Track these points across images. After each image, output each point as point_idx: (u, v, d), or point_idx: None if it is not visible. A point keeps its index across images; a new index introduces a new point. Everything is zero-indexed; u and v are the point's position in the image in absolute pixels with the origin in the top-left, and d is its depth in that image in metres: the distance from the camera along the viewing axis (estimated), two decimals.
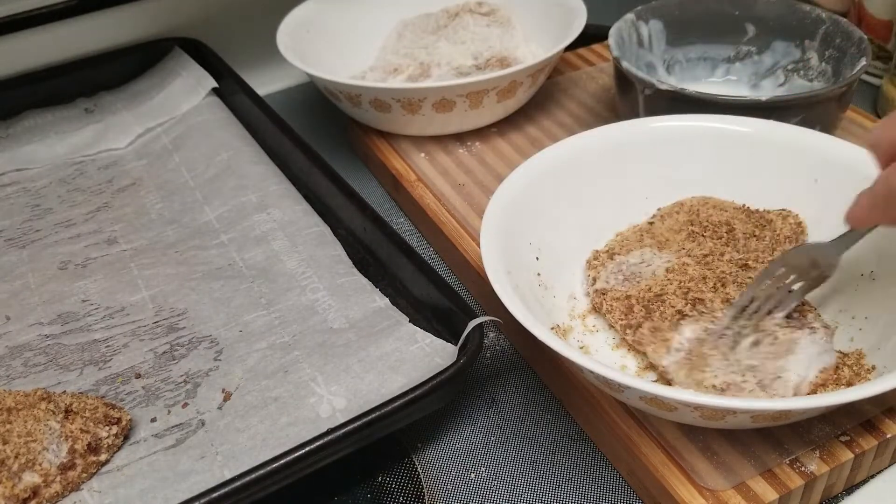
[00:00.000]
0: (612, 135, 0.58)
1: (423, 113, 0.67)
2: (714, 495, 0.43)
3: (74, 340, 0.54)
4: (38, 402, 0.46)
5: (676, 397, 0.39)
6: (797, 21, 0.70)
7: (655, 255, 0.54)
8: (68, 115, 0.78)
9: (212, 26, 0.85)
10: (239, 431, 0.47)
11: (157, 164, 0.72)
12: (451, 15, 0.82)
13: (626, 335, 0.50)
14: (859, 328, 0.49)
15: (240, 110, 0.76)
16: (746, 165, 0.57)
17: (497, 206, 0.51)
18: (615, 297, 0.52)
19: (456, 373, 0.46)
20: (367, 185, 0.74)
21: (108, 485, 0.45)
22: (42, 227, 0.65)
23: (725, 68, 0.74)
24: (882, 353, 0.46)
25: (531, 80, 0.69)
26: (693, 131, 0.58)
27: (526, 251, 0.52)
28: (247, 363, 0.51)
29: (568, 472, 0.49)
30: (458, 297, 0.51)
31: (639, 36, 0.71)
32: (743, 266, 0.52)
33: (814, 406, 0.39)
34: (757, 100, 0.60)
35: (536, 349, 0.54)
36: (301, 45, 0.73)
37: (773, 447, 0.45)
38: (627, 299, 0.51)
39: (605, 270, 0.54)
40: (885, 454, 0.46)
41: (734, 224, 0.54)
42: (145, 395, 0.50)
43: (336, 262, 0.58)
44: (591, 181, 0.57)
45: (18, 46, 0.78)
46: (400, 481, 0.48)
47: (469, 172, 0.68)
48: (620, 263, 0.54)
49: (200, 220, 0.65)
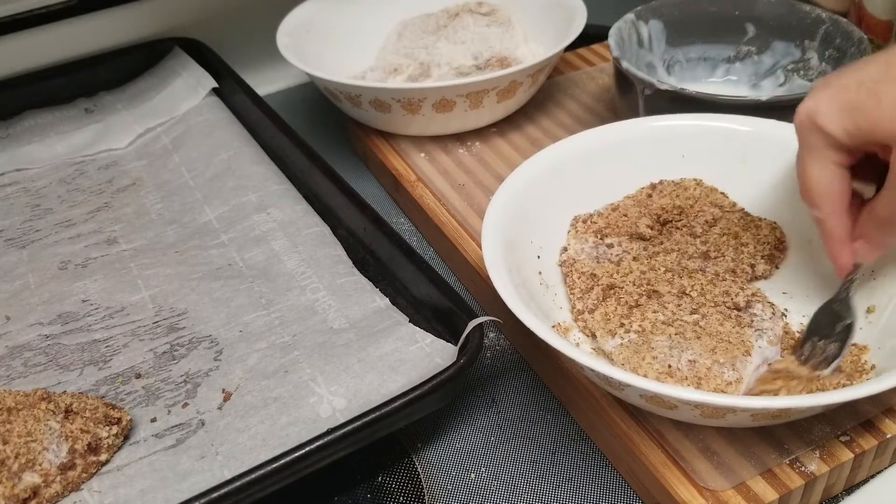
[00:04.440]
0: (612, 134, 0.58)
1: (423, 113, 0.67)
2: (714, 495, 0.43)
3: (74, 340, 0.54)
4: (38, 402, 0.46)
5: (677, 395, 0.39)
6: (797, 21, 0.70)
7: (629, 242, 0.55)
8: (68, 115, 0.78)
9: (212, 26, 0.85)
10: (239, 431, 0.47)
11: (157, 164, 0.72)
12: (451, 15, 0.82)
13: (579, 320, 0.51)
14: (860, 327, 0.49)
15: (240, 110, 0.76)
16: (745, 164, 0.57)
17: (499, 204, 0.52)
18: (581, 271, 0.53)
19: (456, 373, 0.46)
20: (367, 185, 0.74)
21: (108, 485, 0.45)
22: (42, 227, 0.65)
23: (725, 68, 0.74)
24: (882, 353, 0.46)
25: (531, 80, 0.69)
26: (692, 130, 0.58)
27: (528, 249, 0.53)
28: (247, 363, 0.51)
29: (568, 472, 0.49)
30: (458, 297, 0.51)
31: (639, 36, 0.71)
32: (704, 257, 0.53)
33: (814, 404, 0.39)
34: (757, 100, 0.60)
35: (536, 349, 0.54)
36: (301, 45, 0.73)
37: (773, 447, 0.45)
38: (592, 278, 0.52)
39: (582, 242, 0.55)
40: (885, 454, 0.46)
41: (720, 222, 0.55)
42: (145, 395, 0.50)
43: (336, 262, 0.58)
44: (592, 180, 0.57)
45: (18, 46, 0.78)
46: (400, 481, 0.48)
47: (469, 172, 0.68)
48: (597, 245, 0.54)
49: (200, 220, 0.65)
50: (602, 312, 0.50)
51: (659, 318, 0.49)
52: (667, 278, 0.52)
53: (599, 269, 0.53)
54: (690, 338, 0.47)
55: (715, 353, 0.46)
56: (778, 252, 0.54)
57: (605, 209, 0.57)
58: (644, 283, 0.51)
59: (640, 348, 0.47)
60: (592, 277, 0.52)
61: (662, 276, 0.52)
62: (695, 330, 0.48)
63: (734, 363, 0.45)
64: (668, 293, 0.50)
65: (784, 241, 0.55)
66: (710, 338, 0.47)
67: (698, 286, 0.51)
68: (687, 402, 0.40)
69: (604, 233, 0.55)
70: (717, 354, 0.46)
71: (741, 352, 0.46)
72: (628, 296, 0.51)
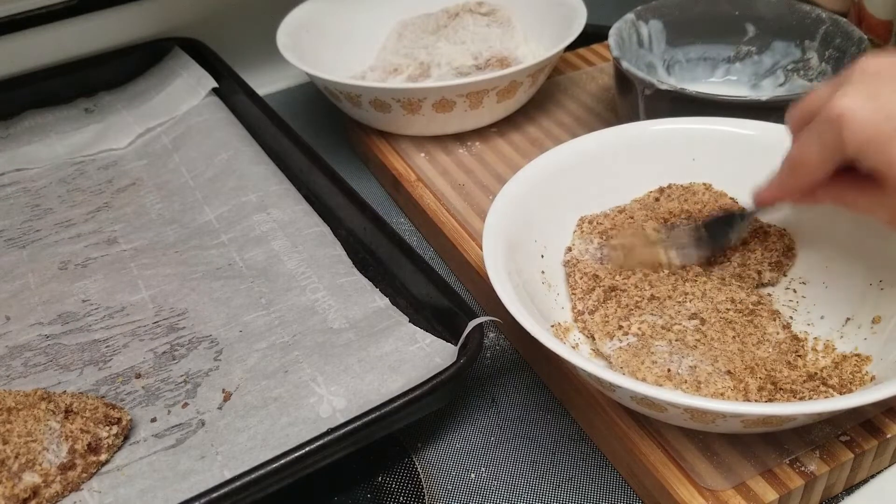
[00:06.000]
0: (622, 136, 0.58)
1: (423, 113, 0.67)
2: (714, 495, 0.43)
3: (74, 340, 0.54)
4: (38, 402, 0.46)
5: (666, 398, 0.39)
6: (797, 21, 0.70)
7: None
8: (68, 115, 0.78)
9: (212, 26, 0.85)
10: (239, 431, 0.47)
11: (157, 164, 0.72)
12: (451, 15, 0.82)
13: (579, 321, 0.51)
14: (864, 338, 0.49)
15: (240, 110, 0.76)
16: (749, 168, 0.56)
17: (501, 204, 0.52)
18: (584, 272, 0.53)
19: (456, 373, 0.46)
20: (367, 185, 0.74)
21: (108, 485, 0.45)
22: (42, 227, 0.65)
23: (725, 68, 0.74)
24: (883, 364, 0.46)
25: (531, 80, 0.69)
26: (696, 134, 0.57)
27: (531, 248, 0.53)
28: (247, 363, 0.51)
29: (568, 472, 0.49)
30: (458, 297, 0.51)
31: (639, 36, 0.71)
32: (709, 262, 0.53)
33: (806, 412, 0.39)
34: (757, 100, 0.59)
35: (536, 349, 0.54)
36: (301, 45, 0.73)
37: (773, 447, 0.45)
38: (594, 279, 0.52)
39: (587, 242, 0.55)
40: (885, 454, 0.46)
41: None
42: (145, 395, 0.50)
43: (336, 262, 0.58)
44: (600, 181, 0.57)
45: (18, 46, 0.78)
46: (400, 481, 0.48)
47: (469, 172, 0.68)
48: (602, 246, 0.54)
49: (200, 220, 0.65)
50: (601, 314, 0.50)
51: (658, 322, 0.49)
52: (670, 282, 0.51)
53: (602, 271, 0.53)
54: (691, 343, 0.47)
55: (716, 361, 0.46)
56: (786, 259, 0.54)
57: (611, 211, 0.57)
58: (646, 286, 0.51)
59: (640, 352, 0.47)
60: (595, 278, 0.52)
61: (665, 280, 0.52)
62: (695, 335, 0.48)
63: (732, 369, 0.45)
64: (670, 297, 0.50)
65: (793, 248, 0.54)
66: (711, 343, 0.47)
67: (700, 291, 0.51)
68: (676, 405, 0.40)
69: (609, 234, 0.55)
70: (718, 363, 0.46)
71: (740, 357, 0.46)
72: (629, 298, 0.50)
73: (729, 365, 0.46)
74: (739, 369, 0.46)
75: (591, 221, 0.56)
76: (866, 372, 0.46)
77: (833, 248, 0.53)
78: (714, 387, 0.45)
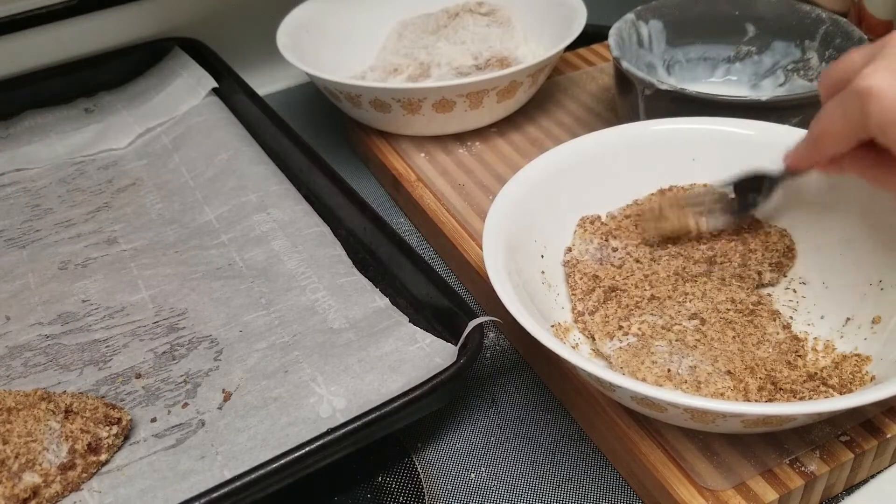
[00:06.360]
0: (618, 137, 0.58)
1: (423, 113, 0.67)
2: (714, 495, 0.43)
3: (74, 340, 0.54)
4: (38, 402, 0.46)
5: (666, 398, 0.39)
6: (797, 21, 0.70)
7: (635, 246, 0.55)
8: (68, 115, 0.78)
9: (212, 26, 0.85)
10: (239, 431, 0.47)
11: (157, 164, 0.72)
12: (451, 15, 0.82)
13: (579, 321, 0.51)
14: (864, 338, 0.49)
15: (240, 110, 0.76)
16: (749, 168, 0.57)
17: (501, 204, 0.51)
18: (584, 272, 0.53)
19: (456, 373, 0.46)
20: (367, 185, 0.74)
21: (109, 485, 0.45)
22: (42, 227, 0.65)
23: (725, 68, 0.74)
24: (883, 364, 0.46)
25: (531, 80, 0.69)
26: (696, 134, 0.57)
27: (531, 248, 0.53)
28: (247, 363, 0.51)
29: (568, 472, 0.49)
30: (458, 297, 0.51)
31: (639, 36, 0.71)
32: (710, 262, 0.53)
33: (806, 412, 0.39)
34: (757, 100, 0.59)
35: (536, 349, 0.54)
36: (301, 45, 0.73)
37: (774, 447, 0.45)
38: (594, 279, 0.52)
39: (587, 242, 0.55)
40: (885, 454, 0.46)
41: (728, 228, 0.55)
42: (145, 395, 0.50)
43: (336, 262, 0.58)
44: (601, 182, 0.57)
45: (18, 46, 0.78)
46: (400, 481, 0.48)
47: (469, 172, 0.68)
48: (602, 246, 0.54)
49: (200, 220, 0.65)
50: (601, 315, 0.50)
51: (658, 322, 0.49)
52: (670, 282, 0.51)
53: (602, 271, 0.53)
54: (691, 343, 0.47)
55: (716, 361, 0.46)
56: (786, 260, 0.54)
57: (612, 211, 0.57)
58: (646, 286, 0.51)
59: (640, 352, 0.47)
60: (595, 279, 0.52)
61: (665, 281, 0.52)
62: (695, 335, 0.48)
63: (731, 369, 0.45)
64: (670, 297, 0.50)
65: (793, 248, 0.54)
66: (711, 343, 0.47)
67: (700, 291, 0.51)
68: (676, 405, 0.40)
69: (610, 235, 0.55)
70: (718, 363, 0.46)
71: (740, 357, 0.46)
72: (629, 299, 0.50)
73: (729, 365, 0.46)
74: (739, 369, 0.46)
75: (592, 222, 0.56)
76: (866, 372, 0.46)
77: (833, 249, 0.53)
78: (714, 387, 0.45)
